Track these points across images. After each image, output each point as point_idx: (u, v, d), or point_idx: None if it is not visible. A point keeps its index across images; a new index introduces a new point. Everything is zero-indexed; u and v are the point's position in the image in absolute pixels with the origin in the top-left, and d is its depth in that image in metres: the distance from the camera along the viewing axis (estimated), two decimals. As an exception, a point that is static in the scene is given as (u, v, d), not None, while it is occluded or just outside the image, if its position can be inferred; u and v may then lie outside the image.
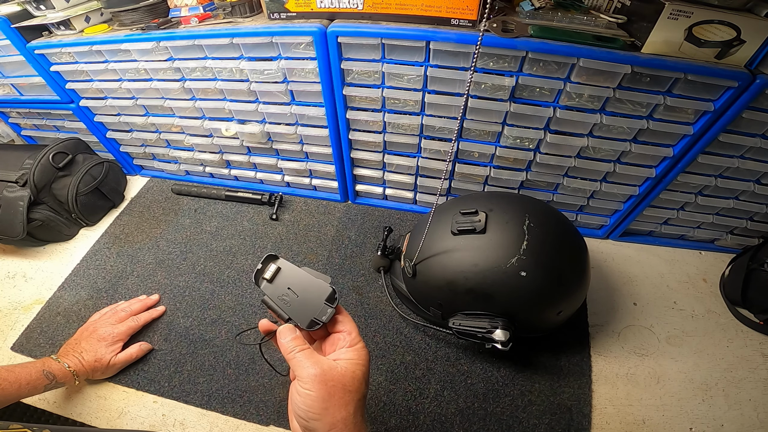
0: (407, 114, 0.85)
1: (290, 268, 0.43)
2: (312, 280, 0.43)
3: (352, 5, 0.73)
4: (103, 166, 1.11)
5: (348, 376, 0.40)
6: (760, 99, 0.66)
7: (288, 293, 0.42)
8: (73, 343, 0.76)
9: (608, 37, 0.66)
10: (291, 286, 0.42)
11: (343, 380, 0.39)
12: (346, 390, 0.39)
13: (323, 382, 0.38)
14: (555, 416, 0.71)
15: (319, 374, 0.39)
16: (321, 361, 0.40)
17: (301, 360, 0.40)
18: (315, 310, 0.42)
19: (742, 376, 0.77)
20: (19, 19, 0.89)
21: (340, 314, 0.46)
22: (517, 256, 0.64)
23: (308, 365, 0.40)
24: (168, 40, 0.83)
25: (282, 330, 0.44)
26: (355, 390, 0.40)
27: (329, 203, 1.14)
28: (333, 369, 0.40)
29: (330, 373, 0.39)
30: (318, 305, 0.42)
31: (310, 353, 0.41)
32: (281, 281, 0.43)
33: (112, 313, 0.82)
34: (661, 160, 0.81)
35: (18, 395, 0.63)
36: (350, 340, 0.44)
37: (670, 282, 0.93)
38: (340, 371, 0.40)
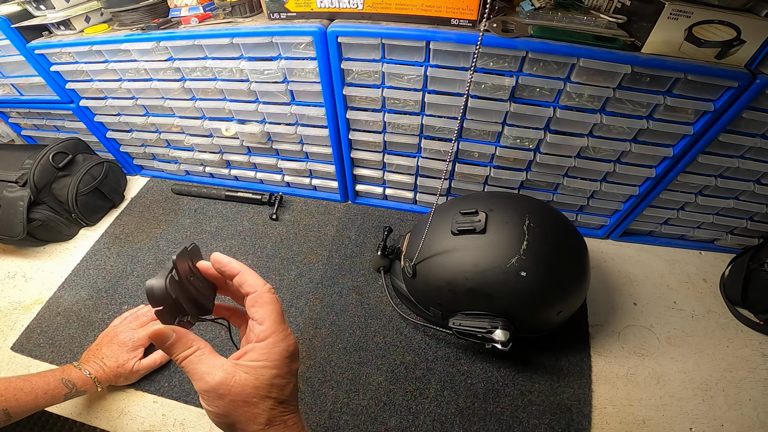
0: (407, 114, 0.85)
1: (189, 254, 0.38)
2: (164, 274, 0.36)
3: (352, 5, 0.73)
4: (103, 166, 1.11)
5: (249, 387, 0.32)
6: (760, 99, 0.66)
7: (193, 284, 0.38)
8: (94, 349, 0.73)
9: (608, 37, 0.66)
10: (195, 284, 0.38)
11: (243, 392, 0.32)
12: (249, 403, 0.32)
13: (219, 397, 0.32)
14: (555, 416, 0.71)
15: (211, 389, 0.32)
16: (212, 370, 0.33)
17: (188, 369, 0.33)
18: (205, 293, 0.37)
19: (742, 376, 0.77)
20: (19, 19, 0.89)
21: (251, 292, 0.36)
22: (517, 256, 0.64)
23: (197, 377, 0.33)
24: (168, 40, 0.83)
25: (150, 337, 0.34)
26: (259, 400, 0.33)
27: (329, 203, 1.14)
28: (227, 381, 0.32)
29: (225, 386, 0.32)
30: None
31: (198, 358, 0.33)
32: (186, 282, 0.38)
33: (132, 318, 0.80)
34: (661, 160, 0.81)
35: (36, 406, 0.60)
36: (259, 333, 0.35)
37: (670, 282, 0.93)
38: (238, 382, 0.32)
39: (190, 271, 0.38)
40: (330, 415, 0.73)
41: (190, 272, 0.38)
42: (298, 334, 0.84)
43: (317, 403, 0.74)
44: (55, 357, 0.82)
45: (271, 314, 0.35)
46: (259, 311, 0.35)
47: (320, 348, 0.82)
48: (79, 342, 0.84)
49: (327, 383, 0.77)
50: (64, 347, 0.84)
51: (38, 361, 0.82)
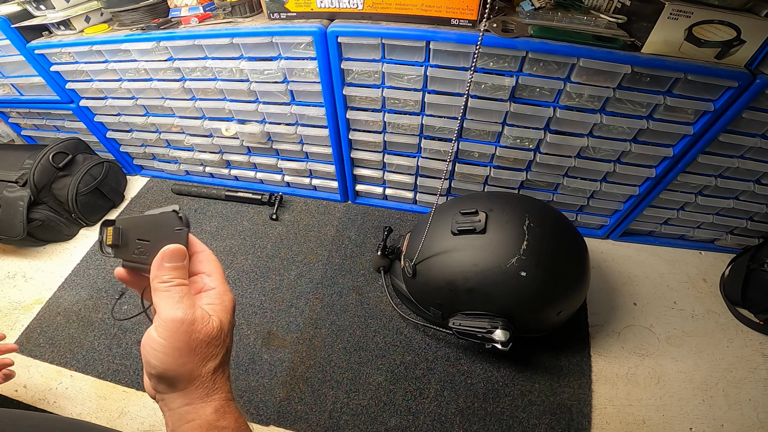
0: (407, 114, 0.85)
1: (132, 220, 0.38)
2: (155, 217, 0.37)
3: (352, 5, 0.73)
4: (103, 166, 1.11)
5: (216, 326, 0.34)
6: (760, 99, 0.66)
7: (140, 243, 0.37)
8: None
9: (608, 37, 0.66)
10: (140, 237, 0.37)
11: (209, 330, 0.33)
12: (212, 342, 0.33)
13: (187, 332, 0.32)
14: (555, 416, 0.71)
15: (183, 320, 0.32)
16: (192, 304, 0.33)
17: (170, 296, 0.33)
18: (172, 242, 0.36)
19: (742, 376, 0.77)
20: (19, 19, 0.89)
21: (200, 251, 0.38)
22: (517, 256, 0.64)
23: (175, 306, 0.32)
24: (168, 40, 0.83)
25: (167, 251, 0.35)
26: (222, 341, 0.34)
27: (329, 203, 1.14)
28: (202, 318, 0.33)
29: (198, 323, 0.33)
30: (171, 236, 0.36)
31: (186, 291, 0.34)
32: (129, 238, 0.37)
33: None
34: (661, 160, 0.81)
35: None
36: (208, 282, 0.37)
37: (670, 282, 0.93)
38: (206, 320, 0.33)
39: None
40: (330, 415, 0.73)
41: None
42: (298, 334, 0.84)
43: (317, 403, 0.74)
44: (55, 357, 0.82)
45: (217, 269, 0.38)
46: (208, 265, 0.38)
47: (320, 348, 0.82)
48: (79, 342, 0.84)
49: (327, 383, 0.77)
50: (64, 347, 0.84)
51: (38, 361, 0.82)
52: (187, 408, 0.32)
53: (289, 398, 0.75)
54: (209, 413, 0.32)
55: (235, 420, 0.33)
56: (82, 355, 0.82)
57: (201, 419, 0.32)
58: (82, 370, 0.80)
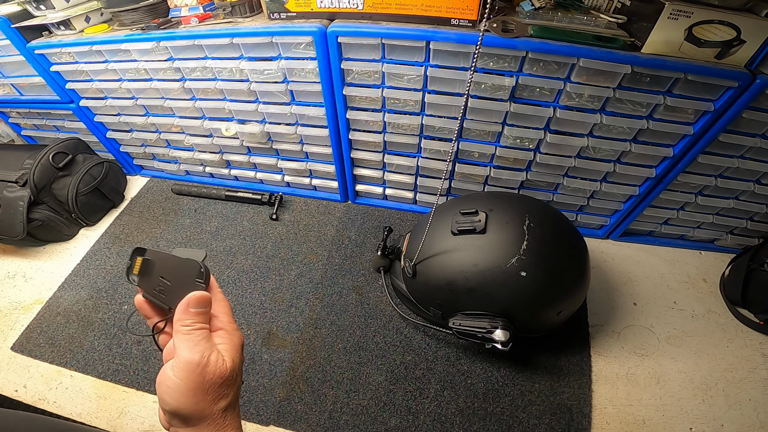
0: (407, 114, 0.85)
1: (160, 256, 0.40)
2: (181, 261, 0.39)
3: (352, 5, 0.73)
4: (103, 166, 1.11)
5: (229, 367, 0.36)
6: (760, 99, 0.66)
7: (161, 282, 0.39)
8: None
9: (608, 37, 0.66)
10: (163, 275, 0.39)
11: (222, 371, 0.35)
12: (224, 383, 0.35)
13: (201, 374, 0.34)
14: (555, 416, 0.71)
15: (199, 363, 0.34)
16: (210, 347, 0.35)
17: (190, 339, 0.35)
18: (187, 290, 0.38)
19: (742, 376, 0.77)
20: (19, 19, 0.89)
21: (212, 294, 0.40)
22: (517, 256, 0.64)
23: (193, 348, 0.34)
24: (168, 40, 0.83)
25: (195, 298, 0.37)
26: (233, 381, 0.36)
27: (329, 203, 1.14)
28: (217, 361, 0.35)
29: (213, 365, 0.35)
30: (190, 286, 0.38)
31: (202, 335, 0.36)
32: (153, 272, 0.40)
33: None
34: (661, 160, 0.81)
35: None
36: (216, 323, 0.39)
37: (670, 282, 0.93)
38: (220, 362, 0.35)
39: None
40: (330, 415, 0.73)
41: None
42: (298, 334, 0.84)
43: (317, 403, 0.74)
44: (55, 357, 0.82)
45: (225, 308, 0.40)
46: (217, 305, 0.40)
47: (320, 348, 0.82)
48: (79, 342, 0.84)
49: (327, 383, 0.77)
50: (64, 347, 0.84)
51: (38, 361, 0.82)
52: None
53: (289, 398, 0.75)
54: None
55: None
56: (82, 355, 0.82)
57: None
58: (82, 370, 0.80)
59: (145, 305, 0.41)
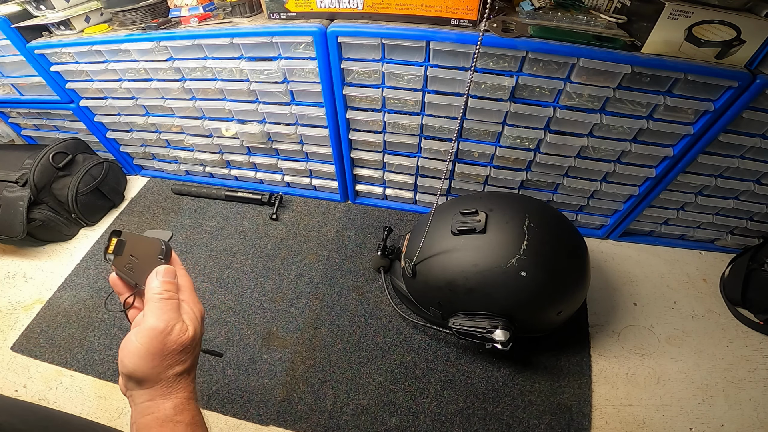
0: (407, 114, 0.85)
1: (131, 237, 0.44)
2: (147, 241, 0.44)
3: (352, 5, 0.73)
4: (103, 166, 1.11)
5: (190, 336, 0.38)
6: (760, 99, 0.66)
7: (131, 260, 0.43)
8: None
9: (608, 37, 0.66)
10: (132, 253, 0.43)
11: (184, 340, 0.37)
12: (184, 350, 0.37)
13: (163, 341, 0.36)
14: (555, 416, 0.71)
15: (163, 330, 0.36)
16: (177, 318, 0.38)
17: (159, 307, 0.38)
18: (151, 267, 0.42)
19: (742, 376, 0.77)
20: (19, 19, 0.89)
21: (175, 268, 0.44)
22: (517, 256, 0.64)
23: (160, 316, 0.37)
24: (168, 40, 0.83)
25: (163, 269, 0.41)
26: (192, 349, 0.39)
27: (329, 203, 1.14)
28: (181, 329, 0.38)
29: (176, 333, 0.37)
30: (153, 262, 0.42)
31: (171, 305, 0.39)
32: (124, 251, 0.43)
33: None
34: (661, 160, 0.81)
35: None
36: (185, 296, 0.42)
37: (670, 282, 0.93)
38: (183, 330, 0.38)
39: None
40: (330, 415, 0.73)
41: None
42: (298, 334, 0.84)
43: (317, 403, 0.74)
44: (55, 357, 0.82)
45: (188, 283, 0.44)
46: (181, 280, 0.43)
47: (320, 348, 0.82)
48: (79, 342, 0.84)
49: (327, 383, 0.77)
50: (64, 347, 0.84)
51: (38, 361, 0.82)
52: (149, 403, 0.36)
53: (289, 398, 0.75)
54: (168, 408, 0.36)
55: (191, 417, 0.37)
56: (82, 355, 0.82)
57: (159, 413, 0.36)
58: (82, 370, 0.80)
59: (118, 282, 0.43)
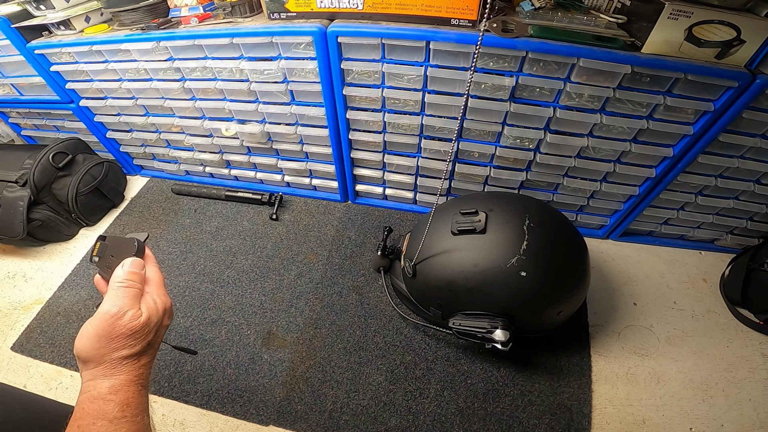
0: (407, 114, 0.85)
1: (112, 239, 0.48)
2: (125, 240, 0.47)
3: (352, 5, 0.73)
4: (103, 166, 1.11)
5: (142, 322, 0.40)
6: (760, 99, 0.66)
7: (110, 260, 0.46)
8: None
9: (608, 37, 0.66)
10: (113, 254, 0.47)
11: (134, 325, 0.39)
12: (133, 335, 0.39)
13: (111, 324, 0.38)
14: (555, 416, 0.71)
15: (114, 314, 0.39)
16: (132, 305, 0.40)
17: (115, 294, 0.40)
18: None
19: (742, 376, 0.77)
20: (19, 19, 0.89)
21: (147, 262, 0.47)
22: (517, 256, 0.64)
23: (113, 301, 0.39)
24: (168, 40, 0.83)
25: (129, 260, 0.44)
26: (144, 335, 0.40)
27: (329, 203, 1.14)
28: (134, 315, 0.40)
29: (127, 318, 0.39)
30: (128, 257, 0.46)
31: (130, 293, 0.41)
32: (107, 252, 0.47)
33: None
34: (661, 160, 0.81)
35: None
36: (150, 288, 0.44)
37: (670, 282, 0.93)
38: (136, 316, 0.40)
39: None
40: (330, 415, 0.73)
41: None
42: (298, 334, 0.84)
43: (317, 403, 0.74)
44: (55, 357, 0.82)
45: (157, 277, 0.46)
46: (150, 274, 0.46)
47: (320, 348, 0.82)
48: (79, 342, 0.84)
49: (327, 383, 0.77)
50: (64, 347, 0.84)
51: (38, 361, 0.82)
52: (90, 383, 0.38)
53: (289, 398, 0.75)
54: (104, 388, 0.37)
55: (125, 398, 0.38)
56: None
57: (95, 391, 0.37)
58: (82, 370, 0.80)
59: (102, 282, 0.46)
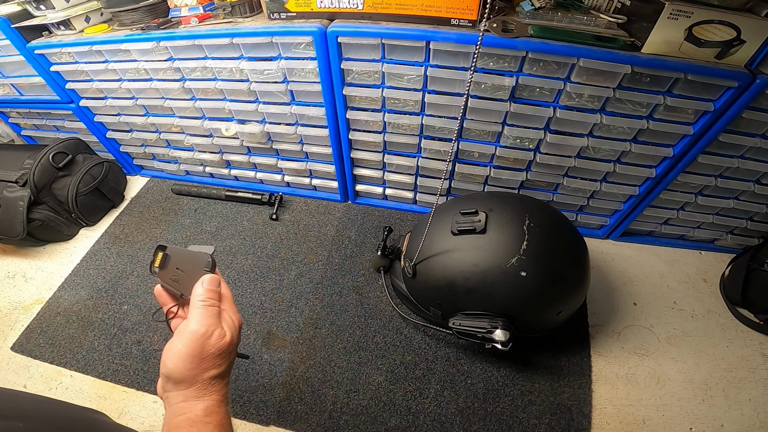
0: (407, 114, 0.85)
1: (176, 251, 0.46)
2: (193, 254, 0.46)
3: (352, 5, 0.73)
4: (103, 166, 1.11)
5: (227, 342, 0.41)
6: (760, 99, 0.66)
7: (177, 273, 0.45)
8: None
9: (608, 37, 0.66)
10: (179, 266, 0.46)
11: (222, 345, 0.40)
12: (221, 355, 0.40)
13: (202, 344, 0.38)
14: (555, 416, 0.71)
15: (204, 333, 0.39)
16: (217, 324, 0.41)
17: (201, 313, 0.40)
18: (197, 278, 0.44)
19: (742, 376, 0.77)
20: (19, 19, 0.89)
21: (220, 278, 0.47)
22: (517, 256, 0.64)
23: (201, 321, 0.39)
24: (168, 40, 0.83)
25: (208, 277, 0.43)
26: (228, 355, 0.41)
27: (329, 203, 1.14)
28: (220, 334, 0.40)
29: (215, 338, 0.39)
30: (199, 274, 0.45)
31: (213, 312, 0.41)
32: (170, 264, 0.46)
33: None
34: (661, 160, 0.81)
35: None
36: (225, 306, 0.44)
37: (670, 282, 0.93)
38: (222, 336, 0.40)
39: None
40: (330, 415, 0.73)
41: None
42: (298, 334, 0.84)
43: (317, 403, 0.74)
44: (55, 357, 0.82)
45: (228, 294, 0.46)
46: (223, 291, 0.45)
47: (320, 348, 0.82)
48: (79, 342, 0.84)
49: (327, 383, 0.77)
50: (64, 347, 0.84)
51: (38, 361, 0.82)
52: (183, 404, 0.38)
53: (289, 398, 0.75)
54: (199, 410, 0.38)
55: (220, 419, 0.39)
56: (82, 355, 0.82)
57: (191, 413, 0.37)
58: (82, 370, 0.80)
59: (163, 293, 0.46)
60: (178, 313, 0.46)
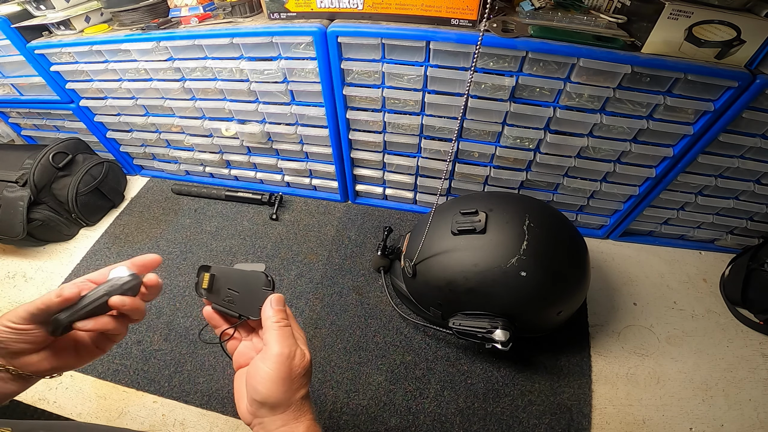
0: (407, 114, 0.85)
1: (224, 270, 0.45)
2: (246, 273, 0.45)
3: (352, 5, 0.73)
4: (103, 166, 1.11)
5: (308, 360, 0.42)
6: (760, 99, 0.66)
7: (230, 293, 0.44)
8: None
9: (608, 37, 0.66)
10: (230, 287, 0.44)
11: (305, 363, 0.41)
12: (306, 374, 0.41)
13: (289, 366, 0.39)
14: (555, 416, 0.71)
15: (288, 355, 0.39)
16: (295, 343, 0.41)
17: (279, 334, 0.40)
18: (257, 298, 0.44)
19: (742, 376, 0.77)
20: (19, 19, 0.89)
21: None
22: (517, 256, 0.64)
23: (282, 342, 0.40)
24: (168, 40, 0.83)
25: (275, 298, 0.43)
26: (309, 372, 0.42)
27: (329, 203, 1.14)
28: (300, 354, 0.41)
29: (297, 358, 0.40)
30: (258, 293, 0.44)
31: (289, 332, 0.41)
32: (220, 285, 0.44)
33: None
34: (661, 160, 0.81)
35: None
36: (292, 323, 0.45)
37: (670, 282, 0.93)
38: (301, 355, 0.41)
39: None
40: (330, 415, 0.73)
41: None
42: (298, 334, 0.84)
43: (317, 403, 0.74)
44: (55, 357, 0.82)
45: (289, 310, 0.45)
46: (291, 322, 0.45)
47: (320, 348, 0.82)
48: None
49: (327, 383, 0.77)
50: (64, 347, 0.84)
51: (38, 361, 0.82)
52: (284, 428, 0.38)
53: (289, 398, 0.75)
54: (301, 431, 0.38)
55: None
56: (82, 355, 0.82)
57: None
58: (82, 370, 0.80)
59: (215, 315, 0.45)
60: (234, 335, 0.45)
